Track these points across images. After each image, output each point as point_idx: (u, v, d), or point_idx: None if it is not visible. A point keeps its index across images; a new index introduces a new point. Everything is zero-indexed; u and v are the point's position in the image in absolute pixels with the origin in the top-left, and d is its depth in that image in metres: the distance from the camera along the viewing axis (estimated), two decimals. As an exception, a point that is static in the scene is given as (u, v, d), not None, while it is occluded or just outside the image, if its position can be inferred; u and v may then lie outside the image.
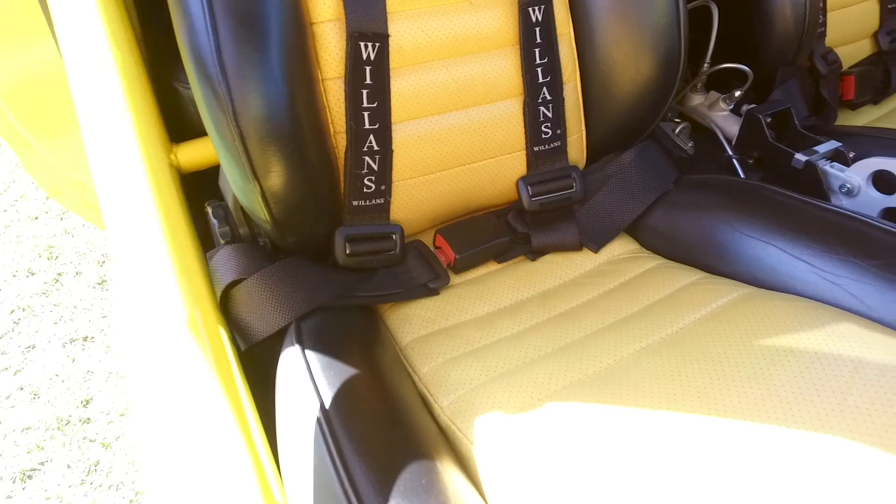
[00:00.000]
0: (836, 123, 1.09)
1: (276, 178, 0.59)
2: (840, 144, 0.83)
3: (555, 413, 0.52)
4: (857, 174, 0.77)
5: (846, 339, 0.53)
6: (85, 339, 1.36)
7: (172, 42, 0.60)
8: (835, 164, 0.81)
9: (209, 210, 0.69)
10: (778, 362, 0.52)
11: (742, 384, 0.51)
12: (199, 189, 0.79)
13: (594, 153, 0.82)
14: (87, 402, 1.23)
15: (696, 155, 0.97)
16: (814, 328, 0.55)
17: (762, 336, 0.55)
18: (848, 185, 0.78)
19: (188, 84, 0.88)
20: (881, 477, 0.42)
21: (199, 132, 0.87)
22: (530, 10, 0.71)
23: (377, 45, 0.63)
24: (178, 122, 0.84)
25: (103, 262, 1.57)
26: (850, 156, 0.82)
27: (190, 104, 0.88)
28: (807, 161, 0.81)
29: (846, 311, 0.59)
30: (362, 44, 0.62)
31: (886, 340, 0.52)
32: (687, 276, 0.69)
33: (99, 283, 1.51)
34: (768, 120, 0.87)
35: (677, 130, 0.98)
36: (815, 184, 0.82)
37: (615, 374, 0.54)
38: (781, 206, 0.70)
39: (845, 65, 1.12)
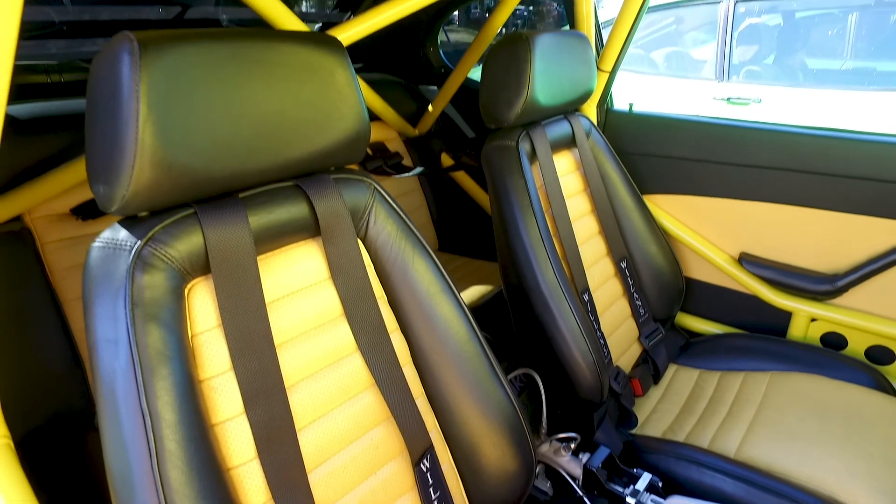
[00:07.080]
0: (638, 419, 1.44)
1: None
2: (652, 476, 1.15)
3: None
4: (670, 508, 1.08)
5: None
6: None
7: None
8: (653, 496, 1.11)
9: None
10: None
11: None
12: None
13: None
14: None
15: (556, 492, 1.23)
16: None
17: None
18: (667, 516, 1.08)
19: None
20: None
21: None
22: (421, 464, 0.94)
23: None
24: None
25: None
26: (659, 485, 1.13)
27: None
28: (636, 500, 1.10)
29: None
30: None
31: None
32: None
33: None
34: (600, 466, 1.17)
35: (536, 471, 1.24)
36: (645, 514, 1.11)
37: None
38: None
39: (627, 368, 1.51)
